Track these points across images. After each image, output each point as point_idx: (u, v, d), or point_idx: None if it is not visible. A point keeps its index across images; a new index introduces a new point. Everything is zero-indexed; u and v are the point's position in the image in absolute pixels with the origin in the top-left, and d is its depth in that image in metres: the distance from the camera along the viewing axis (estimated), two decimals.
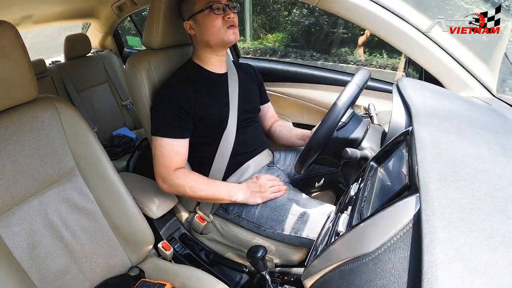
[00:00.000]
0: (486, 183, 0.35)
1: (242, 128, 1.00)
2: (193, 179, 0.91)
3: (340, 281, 0.38)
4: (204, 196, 0.91)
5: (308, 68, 1.40)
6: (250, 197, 0.92)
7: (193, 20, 0.92)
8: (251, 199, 0.92)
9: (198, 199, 0.96)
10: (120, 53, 2.21)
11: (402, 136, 0.53)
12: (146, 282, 0.76)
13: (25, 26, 1.63)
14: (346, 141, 0.80)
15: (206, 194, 0.91)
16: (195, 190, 0.90)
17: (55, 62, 1.90)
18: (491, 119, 0.60)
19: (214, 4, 0.88)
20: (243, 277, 0.98)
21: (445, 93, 0.71)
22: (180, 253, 1.04)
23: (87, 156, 0.77)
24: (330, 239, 0.52)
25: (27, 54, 0.65)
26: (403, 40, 0.89)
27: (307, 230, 0.86)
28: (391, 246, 0.32)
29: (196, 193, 0.90)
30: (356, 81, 0.75)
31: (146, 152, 1.42)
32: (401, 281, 0.29)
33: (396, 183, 0.47)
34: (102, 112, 1.96)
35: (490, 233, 0.28)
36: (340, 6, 0.90)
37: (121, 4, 1.80)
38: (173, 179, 0.90)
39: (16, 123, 0.68)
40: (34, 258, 0.67)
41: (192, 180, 0.90)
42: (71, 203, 0.75)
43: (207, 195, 0.91)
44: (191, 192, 0.90)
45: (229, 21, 0.89)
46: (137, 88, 0.95)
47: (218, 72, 1.00)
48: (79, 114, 0.78)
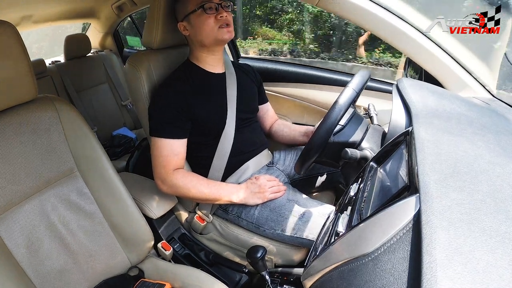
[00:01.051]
0: (486, 183, 0.35)
1: (241, 128, 1.00)
2: (192, 180, 0.90)
3: (339, 282, 0.38)
4: (203, 197, 0.91)
5: (308, 68, 1.40)
6: (250, 198, 0.92)
7: (187, 20, 0.92)
8: (251, 199, 0.92)
9: (197, 200, 0.96)
10: (120, 53, 2.21)
11: (402, 136, 0.53)
12: (146, 282, 0.76)
13: (25, 26, 1.63)
14: (343, 145, 0.80)
15: (205, 195, 0.90)
16: (194, 191, 0.90)
17: (55, 62, 1.90)
18: (491, 119, 0.60)
19: (206, 4, 0.88)
20: (243, 277, 0.98)
21: (445, 93, 0.71)
22: (180, 253, 1.04)
23: (87, 156, 0.77)
24: (330, 239, 0.52)
25: (27, 54, 0.65)
26: (403, 40, 0.89)
27: (307, 230, 0.86)
28: (390, 246, 0.32)
29: (196, 194, 0.90)
30: (353, 86, 0.74)
31: (146, 152, 1.42)
32: (401, 282, 0.29)
33: (396, 183, 0.47)
34: (102, 112, 1.96)
35: (490, 233, 0.28)
36: (340, 7, 0.90)
37: (121, 4, 1.80)
38: (172, 179, 0.89)
39: (16, 123, 0.68)
40: (33, 258, 0.67)
41: (191, 181, 0.90)
42: (71, 203, 0.75)
43: (207, 196, 0.91)
44: (190, 194, 0.90)
45: (222, 20, 0.89)
46: (137, 88, 0.95)
47: (216, 71, 1.00)
48: (79, 114, 0.78)
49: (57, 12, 1.68)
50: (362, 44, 4.01)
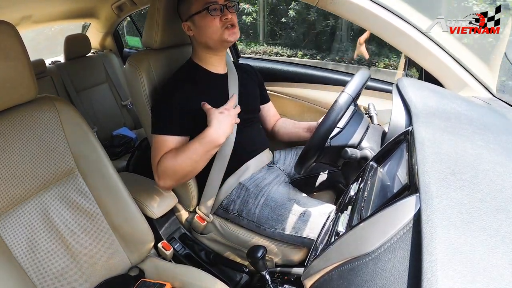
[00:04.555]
0: (486, 183, 0.35)
1: (242, 128, 1.00)
2: (175, 154, 0.86)
3: (340, 281, 0.38)
4: (191, 164, 0.85)
5: (308, 68, 1.40)
6: (222, 129, 0.85)
7: (191, 21, 0.92)
8: (225, 129, 0.85)
9: (191, 170, 0.88)
10: (120, 53, 2.21)
11: (402, 136, 0.53)
12: (146, 282, 0.76)
13: (25, 26, 1.63)
14: (343, 145, 0.80)
15: (191, 160, 0.85)
16: (179, 163, 0.85)
17: (55, 62, 1.90)
18: (491, 119, 0.60)
19: (211, 5, 0.87)
20: (243, 277, 0.98)
21: (445, 93, 0.71)
22: (180, 253, 1.04)
23: (87, 156, 0.77)
24: (330, 239, 0.52)
25: (27, 54, 0.65)
26: (403, 40, 0.88)
27: (307, 229, 0.86)
28: (391, 246, 0.32)
29: (183, 165, 0.85)
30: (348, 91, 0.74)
31: (146, 152, 1.42)
32: (401, 281, 0.29)
33: (396, 183, 0.47)
34: (102, 112, 1.96)
35: (490, 233, 0.28)
36: (340, 6, 0.90)
37: (121, 4, 1.80)
38: (159, 167, 0.86)
39: (16, 123, 0.67)
40: (34, 258, 0.67)
41: (175, 155, 0.86)
42: (71, 203, 0.75)
43: (193, 160, 0.85)
44: (180, 168, 0.85)
45: (227, 22, 0.89)
46: (137, 88, 0.95)
47: (218, 72, 1.00)
48: (79, 114, 0.78)
49: (57, 12, 1.68)
50: (362, 43, 3.98)
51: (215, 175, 0.97)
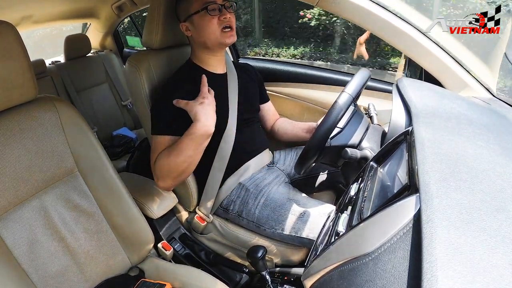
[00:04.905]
0: (486, 183, 0.35)
1: (242, 128, 1.00)
2: (168, 151, 0.85)
3: (340, 281, 0.38)
4: (186, 160, 0.84)
5: (308, 68, 1.40)
6: (210, 120, 0.84)
7: (189, 21, 0.92)
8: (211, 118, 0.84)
9: (187, 166, 0.87)
10: (120, 53, 2.21)
11: (402, 136, 0.53)
12: (146, 282, 0.76)
13: (25, 26, 1.63)
14: (343, 145, 0.80)
15: (185, 156, 0.84)
16: (173, 160, 0.84)
17: (55, 62, 1.90)
18: (491, 119, 0.60)
19: (210, 5, 0.87)
20: (243, 277, 0.98)
21: (445, 93, 0.71)
22: (180, 253, 1.04)
23: (87, 156, 0.77)
24: (330, 239, 0.52)
25: (27, 54, 0.65)
26: (403, 40, 0.89)
27: (307, 230, 0.86)
28: (391, 246, 0.32)
29: (178, 162, 0.84)
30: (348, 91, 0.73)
31: (146, 152, 1.42)
32: (401, 281, 0.29)
33: (396, 183, 0.47)
34: (102, 112, 1.96)
35: (491, 232, 0.28)
36: (340, 6, 0.90)
37: (121, 4, 1.80)
38: (156, 166, 0.86)
39: (16, 123, 0.67)
40: (34, 258, 0.67)
41: (166, 155, 0.85)
42: (71, 203, 0.75)
43: (187, 155, 0.84)
44: (175, 165, 0.84)
45: (225, 22, 0.89)
46: (137, 88, 0.95)
47: (218, 72, 1.00)
48: (79, 114, 0.78)
49: (57, 12, 1.68)
50: (362, 43, 3.97)
51: (215, 175, 0.97)
